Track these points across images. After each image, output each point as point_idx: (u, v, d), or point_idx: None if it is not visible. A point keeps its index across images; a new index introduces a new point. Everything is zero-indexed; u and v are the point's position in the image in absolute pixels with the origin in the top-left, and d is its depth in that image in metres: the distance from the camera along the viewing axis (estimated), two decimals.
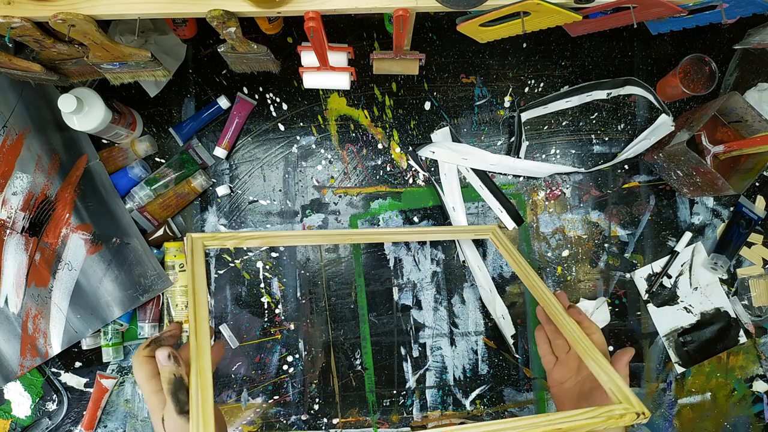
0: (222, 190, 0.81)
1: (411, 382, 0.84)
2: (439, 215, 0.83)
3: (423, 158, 0.83)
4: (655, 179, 0.84)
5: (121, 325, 0.80)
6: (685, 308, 0.84)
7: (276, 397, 0.83)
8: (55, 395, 0.81)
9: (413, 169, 0.83)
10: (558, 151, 0.84)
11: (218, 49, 0.65)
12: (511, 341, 0.83)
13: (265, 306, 0.83)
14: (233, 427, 0.82)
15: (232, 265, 0.83)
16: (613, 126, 0.84)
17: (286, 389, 0.83)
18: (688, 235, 0.83)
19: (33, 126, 0.76)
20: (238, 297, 0.83)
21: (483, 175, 0.83)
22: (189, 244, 0.59)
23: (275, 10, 0.56)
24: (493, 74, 0.83)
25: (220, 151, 0.80)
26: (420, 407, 0.84)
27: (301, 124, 0.83)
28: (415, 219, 0.83)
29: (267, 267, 0.83)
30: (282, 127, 0.83)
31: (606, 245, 0.84)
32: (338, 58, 0.72)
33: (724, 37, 0.83)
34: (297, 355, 0.83)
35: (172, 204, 0.80)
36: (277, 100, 0.82)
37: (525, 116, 0.82)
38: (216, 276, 0.82)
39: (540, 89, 0.83)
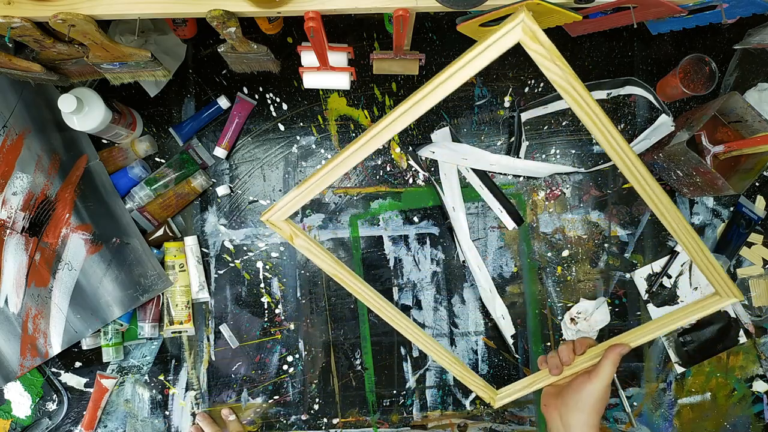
0: (222, 190, 0.81)
1: (411, 382, 0.84)
2: (439, 215, 0.83)
3: (423, 158, 0.83)
4: (655, 179, 0.84)
5: (121, 325, 0.80)
6: None
7: (276, 397, 0.83)
8: (55, 395, 0.81)
9: (413, 169, 0.83)
10: (558, 151, 0.84)
11: (218, 49, 0.65)
12: (510, 341, 0.83)
13: (265, 306, 0.83)
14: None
15: (232, 265, 0.83)
16: None
17: (286, 389, 0.83)
18: None
19: (33, 126, 0.76)
20: (238, 297, 0.83)
21: (483, 175, 0.83)
22: None
23: (275, 10, 0.56)
24: (493, 74, 0.83)
25: (220, 151, 0.80)
26: (420, 407, 0.84)
27: (301, 124, 0.83)
28: (415, 219, 0.83)
29: (267, 267, 0.83)
30: (282, 127, 0.83)
31: (606, 245, 0.84)
32: (338, 58, 0.73)
33: (724, 37, 0.83)
34: (297, 355, 0.83)
35: (172, 204, 0.80)
36: (277, 100, 0.82)
37: (525, 116, 0.82)
38: (216, 276, 0.83)
39: (540, 89, 0.83)
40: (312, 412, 0.83)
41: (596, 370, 0.60)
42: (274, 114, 0.82)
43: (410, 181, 0.83)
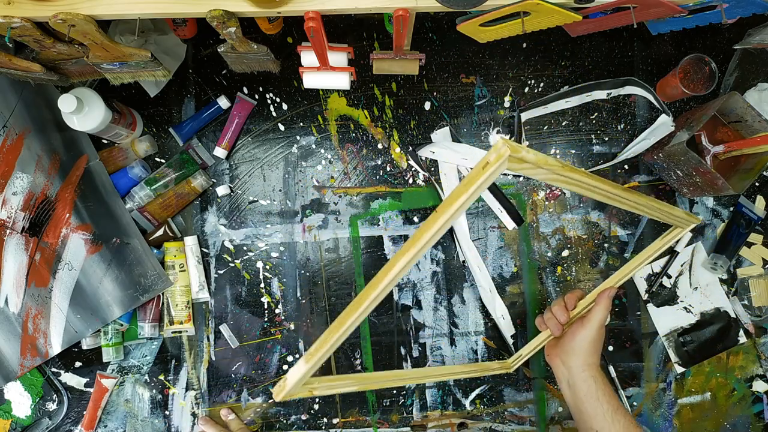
0: (222, 190, 0.81)
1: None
2: None
3: (423, 158, 0.83)
4: (655, 179, 0.84)
5: (121, 325, 0.80)
6: (685, 308, 0.84)
7: None
8: (55, 395, 0.81)
9: (413, 169, 0.83)
10: (558, 151, 0.84)
11: (218, 49, 0.65)
12: (510, 341, 0.83)
13: (265, 306, 0.83)
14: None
15: (232, 265, 0.83)
16: (613, 126, 0.84)
17: None
18: (688, 235, 0.83)
19: (33, 126, 0.76)
20: (238, 297, 0.83)
21: None
22: None
23: (275, 10, 0.56)
24: (493, 74, 0.83)
25: (220, 151, 0.80)
26: (420, 407, 0.84)
27: (301, 124, 0.83)
28: (415, 219, 0.83)
29: (267, 267, 0.83)
30: (282, 127, 0.83)
31: (606, 245, 0.84)
32: (338, 58, 0.73)
33: (724, 37, 0.83)
34: (297, 355, 0.83)
35: (172, 204, 0.80)
36: (277, 100, 0.82)
37: (525, 116, 0.82)
38: (216, 276, 0.83)
39: (540, 89, 0.83)
40: (312, 412, 0.83)
41: (588, 317, 0.68)
42: (274, 114, 0.82)
43: (410, 181, 0.83)
